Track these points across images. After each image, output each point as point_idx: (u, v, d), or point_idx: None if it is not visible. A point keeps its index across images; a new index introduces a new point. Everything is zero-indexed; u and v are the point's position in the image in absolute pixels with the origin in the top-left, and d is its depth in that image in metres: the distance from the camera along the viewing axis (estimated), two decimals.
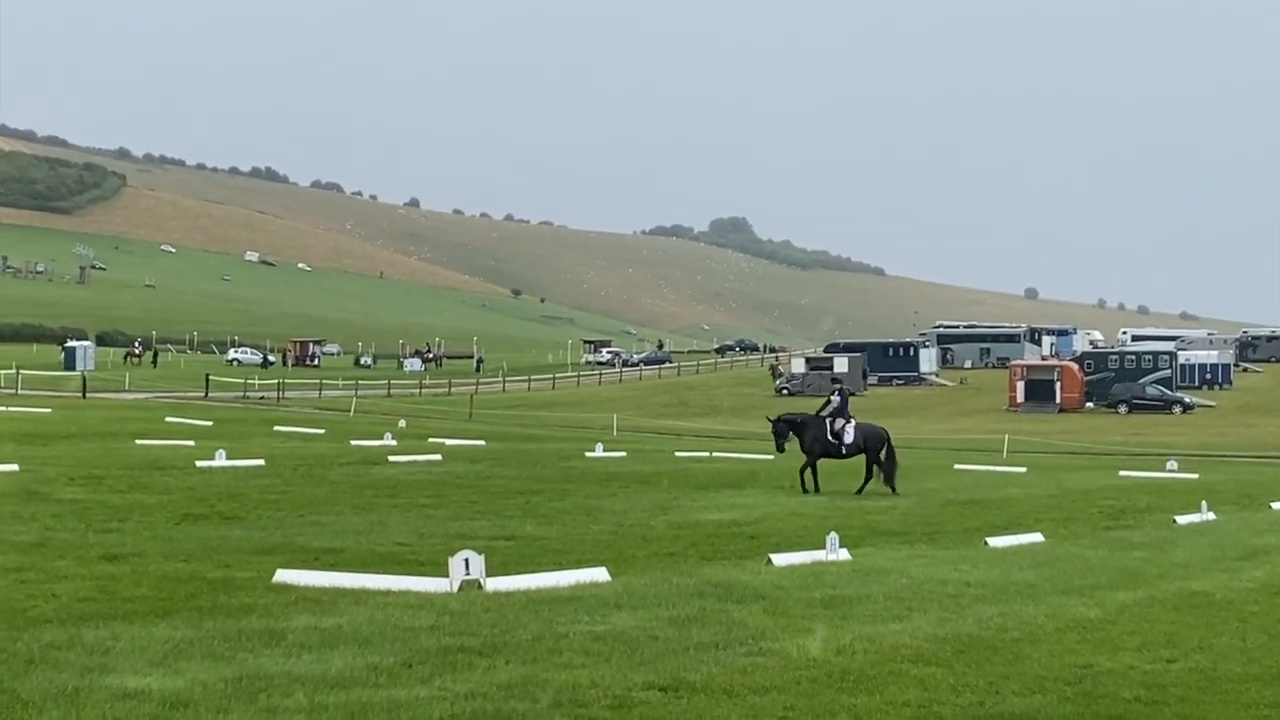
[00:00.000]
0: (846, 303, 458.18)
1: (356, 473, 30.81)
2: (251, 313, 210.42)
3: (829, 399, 31.53)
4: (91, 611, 12.56)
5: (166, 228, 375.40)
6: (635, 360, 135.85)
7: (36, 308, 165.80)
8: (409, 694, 9.67)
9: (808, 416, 30.81)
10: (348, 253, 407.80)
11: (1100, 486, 33.65)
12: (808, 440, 30.01)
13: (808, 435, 30.05)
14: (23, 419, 46.78)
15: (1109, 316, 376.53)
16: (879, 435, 30.37)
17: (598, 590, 14.53)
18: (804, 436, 30.14)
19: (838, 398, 31.01)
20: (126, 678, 9.85)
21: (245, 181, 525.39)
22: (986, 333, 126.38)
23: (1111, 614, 14.18)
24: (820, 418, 30.42)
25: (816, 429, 30.06)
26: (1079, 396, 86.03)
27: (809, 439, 29.97)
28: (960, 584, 15.82)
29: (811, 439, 29.94)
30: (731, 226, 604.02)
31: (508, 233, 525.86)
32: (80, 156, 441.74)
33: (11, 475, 26.43)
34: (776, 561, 17.25)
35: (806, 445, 30.02)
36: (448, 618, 12.62)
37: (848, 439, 29.94)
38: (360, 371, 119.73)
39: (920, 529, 22.83)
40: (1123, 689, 10.59)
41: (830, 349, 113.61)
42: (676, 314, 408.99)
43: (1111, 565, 18.43)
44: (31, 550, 16.65)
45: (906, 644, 12.06)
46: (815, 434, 29.97)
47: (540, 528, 21.35)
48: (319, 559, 16.69)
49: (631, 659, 11.06)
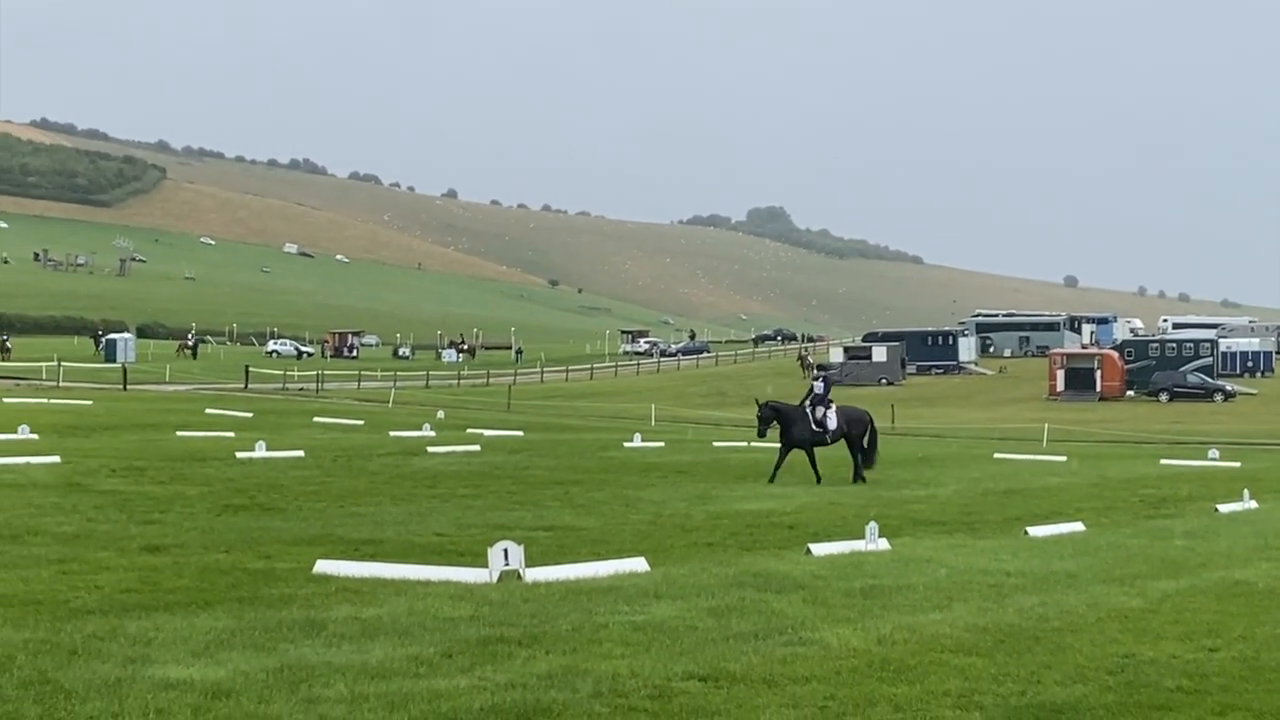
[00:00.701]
0: (884, 292, 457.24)
1: (395, 464, 30.88)
2: (290, 304, 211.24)
3: (811, 385, 30.89)
4: (133, 602, 12.62)
5: (205, 220, 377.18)
6: (673, 350, 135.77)
7: (77, 300, 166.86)
8: (449, 684, 9.68)
9: (792, 408, 30.00)
10: (386, 244, 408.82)
11: (1141, 475, 33.48)
12: (796, 433, 29.41)
13: (795, 429, 29.40)
14: (64, 410, 47.04)
15: (1149, 304, 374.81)
16: (862, 419, 30.00)
17: (637, 580, 14.52)
18: (791, 430, 29.46)
19: (820, 385, 30.38)
20: (169, 668, 9.90)
21: (283, 173, 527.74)
22: (1026, 321, 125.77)
23: (1153, 603, 14.10)
24: (803, 409, 29.77)
25: (802, 422, 29.44)
26: (1119, 385, 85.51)
27: (798, 432, 29.39)
28: (1001, 573, 15.76)
29: (799, 432, 29.37)
30: (769, 216, 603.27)
31: (545, 223, 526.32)
32: (120, 150, 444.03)
33: (54, 467, 26.58)
34: (816, 551, 17.23)
35: (795, 438, 29.43)
36: (487, 608, 12.63)
37: (831, 425, 29.46)
38: (398, 363, 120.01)
39: (960, 518, 22.75)
40: (1165, 678, 10.53)
41: (869, 338, 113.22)
42: (714, 304, 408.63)
43: (1153, 554, 18.33)
44: (74, 541, 16.74)
45: (947, 634, 12.02)
46: (803, 426, 29.38)
47: (579, 518, 21.35)
48: (359, 550, 16.74)
49: (671, 649, 11.05)
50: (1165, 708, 9.67)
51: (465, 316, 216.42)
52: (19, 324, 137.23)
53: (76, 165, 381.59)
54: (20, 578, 13.86)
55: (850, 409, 30.50)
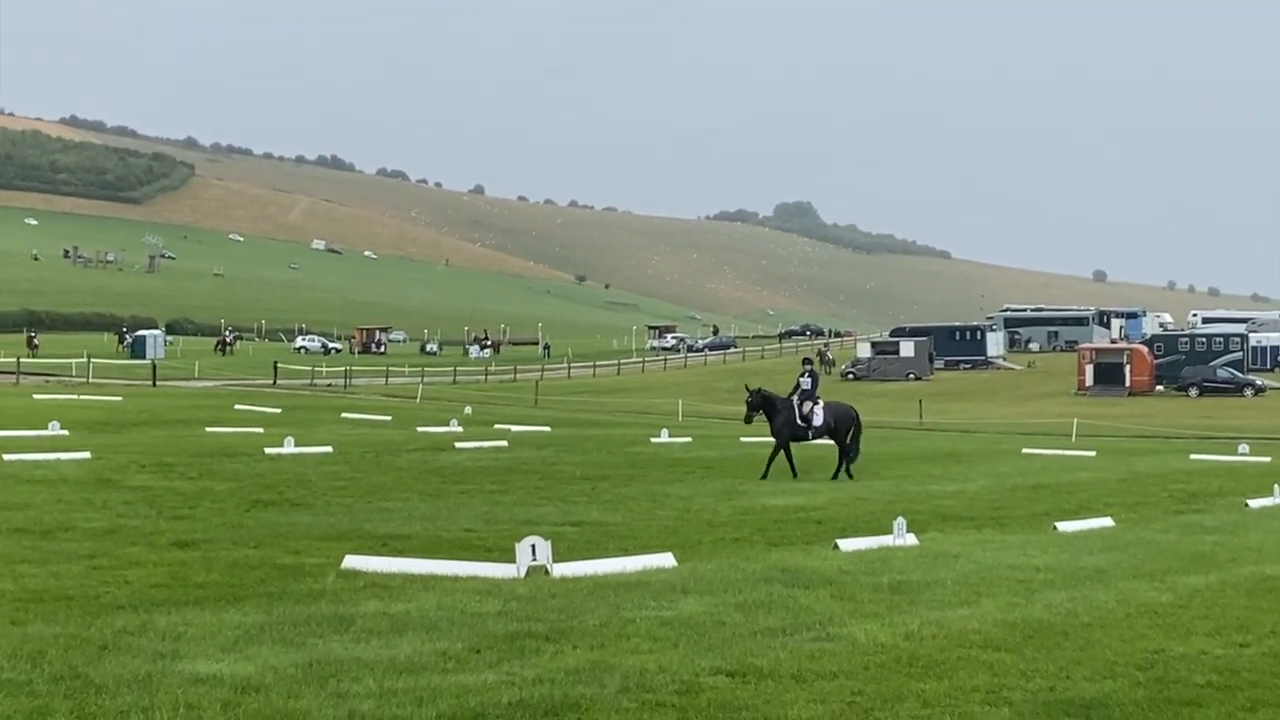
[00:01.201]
0: (912, 286, 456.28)
1: (423, 459, 30.94)
2: (318, 300, 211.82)
3: (798, 380, 30.21)
4: (163, 598, 12.67)
5: (234, 217, 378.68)
6: (700, 345, 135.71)
7: (107, 297, 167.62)
8: (477, 679, 9.69)
9: (780, 397, 29.76)
10: (413, 240, 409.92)
11: (1171, 470, 33.33)
12: (778, 423, 29.16)
13: (778, 419, 29.18)
14: (94, 407, 47.26)
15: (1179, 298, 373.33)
16: (849, 415, 29.71)
17: (664, 576, 14.52)
18: (774, 419, 29.27)
19: (807, 379, 29.86)
20: (198, 663, 9.93)
21: (311, 170, 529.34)
22: (1055, 316, 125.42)
23: (1183, 599, 14.03)
24: (789, 400, 29.52)
25: (787, 412, 29.20)
26: (1149, 380, 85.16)
27: (779, 422, 29.13)
28: (1029, 569, 15.70)
29: (781, 422, 29.10)
30: (796, 211, 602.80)
31: (572, 219, 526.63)
32: (149, 147, 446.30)
33: (84, 463, 26.72)
34: (843, 546, 17.19)
35: (776, 428, 29.20)
36: (515, 603, 12.65)
37: (816, 421, 29.18)
38: (426, 358, 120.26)
39: (988, 514, 22.69)
40: (1195, 674, 10.48)
41: (896, 333, 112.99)
42: (741, 299, 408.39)
43: (1183, 549, 18.24)
44: (104, 537, 16.82)
45: (975, 629, 11.98)
46: (785, 417, 29.13)
47: (606, 513, 21.36)
48: (387, 545, 16.77)
49: (699, 644, 11.04)
50: (1195, 703, 9.62)
51: (492, 312, 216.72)
52: (48, 320, 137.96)
53: (106, 162, 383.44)
54: (51, 573, 13.93)
55: (837, 405, 30.26)
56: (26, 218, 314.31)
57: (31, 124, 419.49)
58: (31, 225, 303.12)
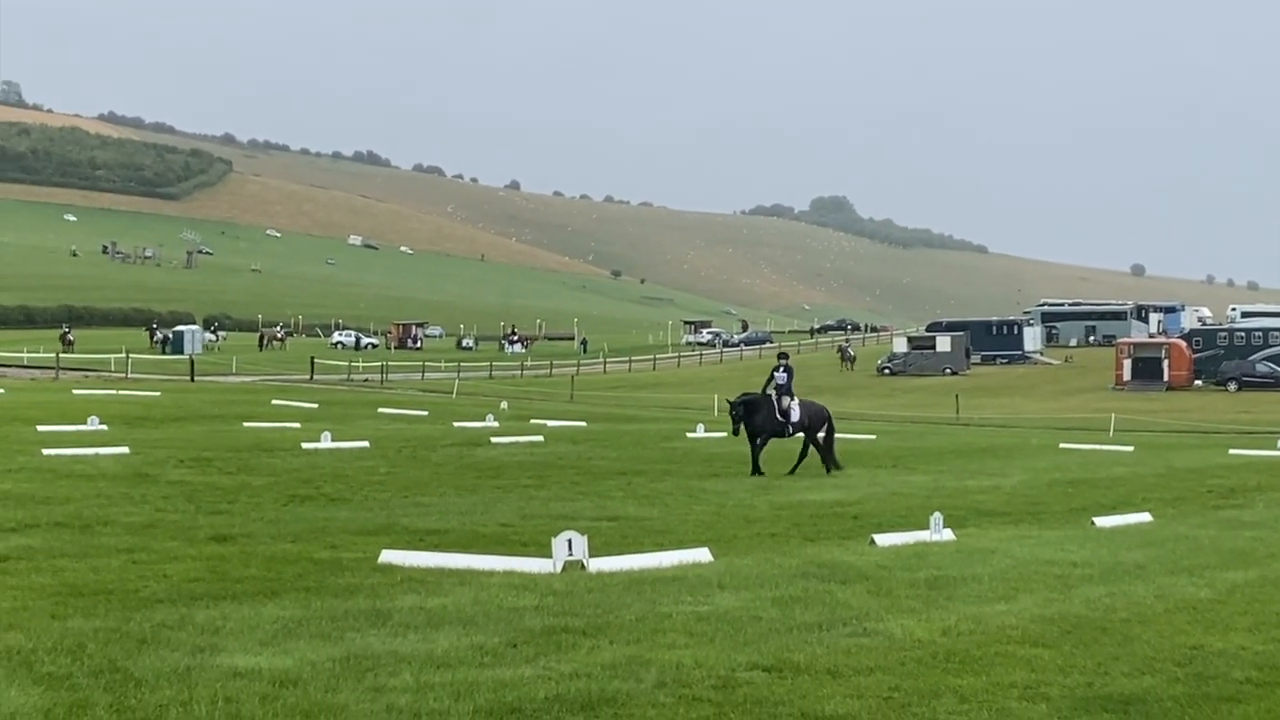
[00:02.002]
0: (949, 281, 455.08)
1: (459, 454, 31.00)
2: (355, 296, 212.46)
3: (772, 374, 29.46)
4: (202, 592, 12.74)
5: (271, 212, 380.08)
6: (736, 340, 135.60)
7: (145, 293, 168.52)
8: (514, 674, 9.71)
9: (758, 397, 29.11)
10: (449, 236, 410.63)
11: (1209, 465, 33.15)
12: (759, 421, 28.56)
13: (759, 416, 28.58)
14: (132, 402, 47.53)
15: (1218, 293, 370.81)
16: (821, 414, 29.34)
17: (700, 571, 14.52)
18: (754, 418, 28.63)
19: (783, 374, 29.16)
20: (237, 657, 9.98)
21: (348, 165, 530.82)
22: (1092, 310, 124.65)
23: (1222, 594, 13.97)
24: (766, 396, 28.97)
25: (767, 409, 28.64)
26: (1187, 374, 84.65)
27: (760, 419, 28.56)
28: (1067, 564, 15.65)
29: (763, 419, 28.54)
30: (832, 205, 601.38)
31: (607, 214, 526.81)
32: (187, 143, 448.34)
33: (122, 458, 26.85)
34: (880, 542, 17.16)
35: (758, 426, 28.58)
36: (551, 598, 12.67)
37: (794, 417, 28.72)
38: (462, 353, 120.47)
39: (1025, 509, 22.62)
40: (1234, 670, 10.43)
41: (933, 328, 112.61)
42: (777, 294, 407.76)
43: (1222, 545, 18.16)
44: (142, 531, 16.91)
45: (1013, 625, 11.95)
46: (766, 414, 28.57)
47: (642, 508, 21.36)
48: (423, 540, 16.80)
49: (735, 639, 11.04)
50: (1234, 699, 9.58)
51: (528, 308, 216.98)
52: (87, 316, 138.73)
53: (144, 159, 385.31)
54: (90, 567, 14.01)
55: (811, 404, 29.78)
56: (66, 214, 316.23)
57: (70, 121, 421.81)
58: (70, 222, 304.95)
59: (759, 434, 28.54)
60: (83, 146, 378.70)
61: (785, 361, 30.04)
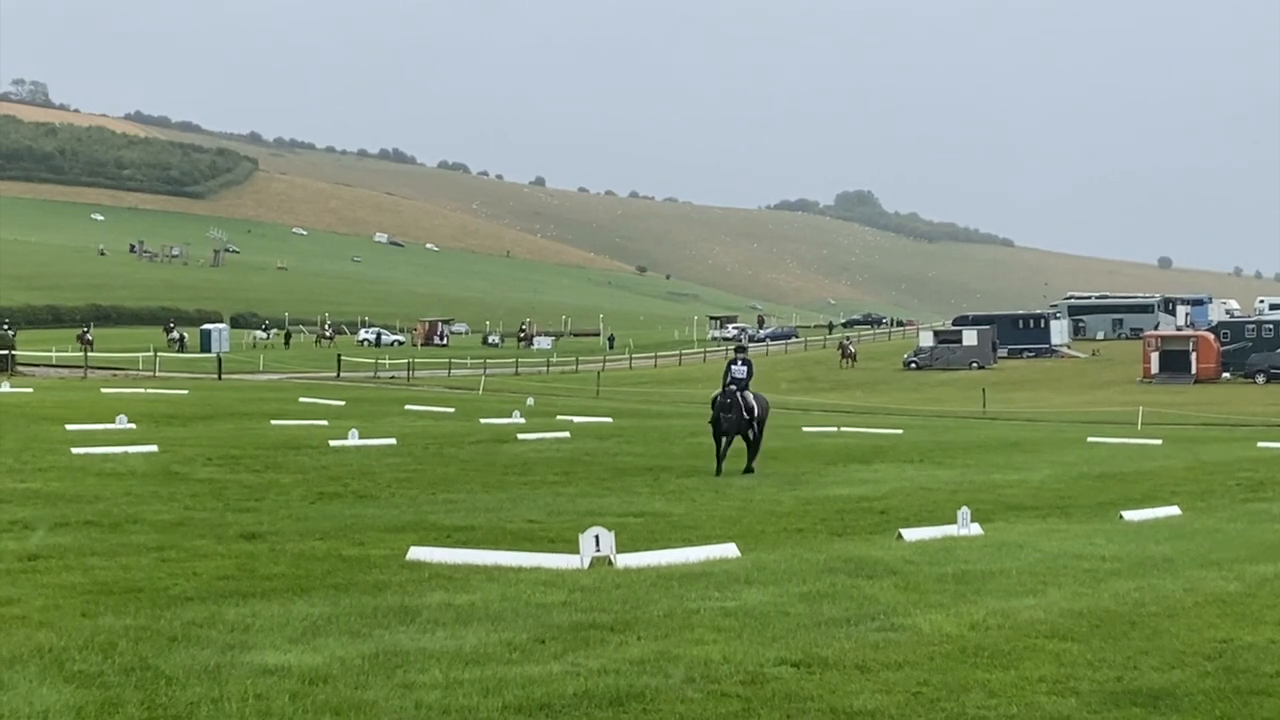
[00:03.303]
0: (975, 275, 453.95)
1: (486, 451, 31.04)
2: (381, 293, 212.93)
3: (728, 367, 28.15)
4: (231, 589, 12.78)
5: (297, 210, 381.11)
6: (761, 335, 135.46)
7: (172, 291, 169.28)
8: (542, 670, 9.73)
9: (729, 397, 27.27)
10: (474, 232, 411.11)
11: (1238, 458, 33.02)
12: (733, 419, 27.02)
13: (733, 414, 27.11)
14: (161, 400, 47.70)
15: (1245, 284, 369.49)
16: (766, 407, 28.17)
17: (728, 566, 14.52)
18: (729, 416, 27.14)
19: (742, 368, 27.82)
20: (267, 654, 10.01)
21: (373, 163, 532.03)
22: (1119, 303, 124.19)
23: (1252, 587, 13.91)
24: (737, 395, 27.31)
25: (738, 409, 27.05)
26: (1215, 367, 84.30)
27: (735, 419, 27.08)
28: (1095, 558, 15.61)
29: (736, 419, 27.07)
30: (857, 200, 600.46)
31: (632, 210, 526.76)
32: (213, 142, 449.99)
33: (151, 456, 26.95)
34: (907, 536, 17.15)
35: (725, 427, 27.10)
36: (579, 594, 12.68)
37: (757, 412, 27.61)
38: (488, 350, 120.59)
39: (1053, 503, 22.57)
40: (1264, 664, 10.38)
41: (959, 322, 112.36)
42: (802, 289, 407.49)
43: (1251, 538, 18.09)
44: (172, 529, 16.97)
45: (1041, 619, 11.92)
46: (738, 413, 27.03)
47: (669, 504, 21.38)
48: (451, 536, 16.84)
49: (763, 634, 11.04)
50: (1265, 693, 9.54)
51: (554, 304, 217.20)
52: (115, 315, 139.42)
53: (170, 158, 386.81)
54: (120, 565, 14.08)
55: (759, 395, 28.33)
56: (93, 213, 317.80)
57: (97, 120, 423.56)
58: (98, 221, 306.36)
59: (729, 433, 27.34)
60: (109, 146, 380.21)
61: (744, 355, 28.83)
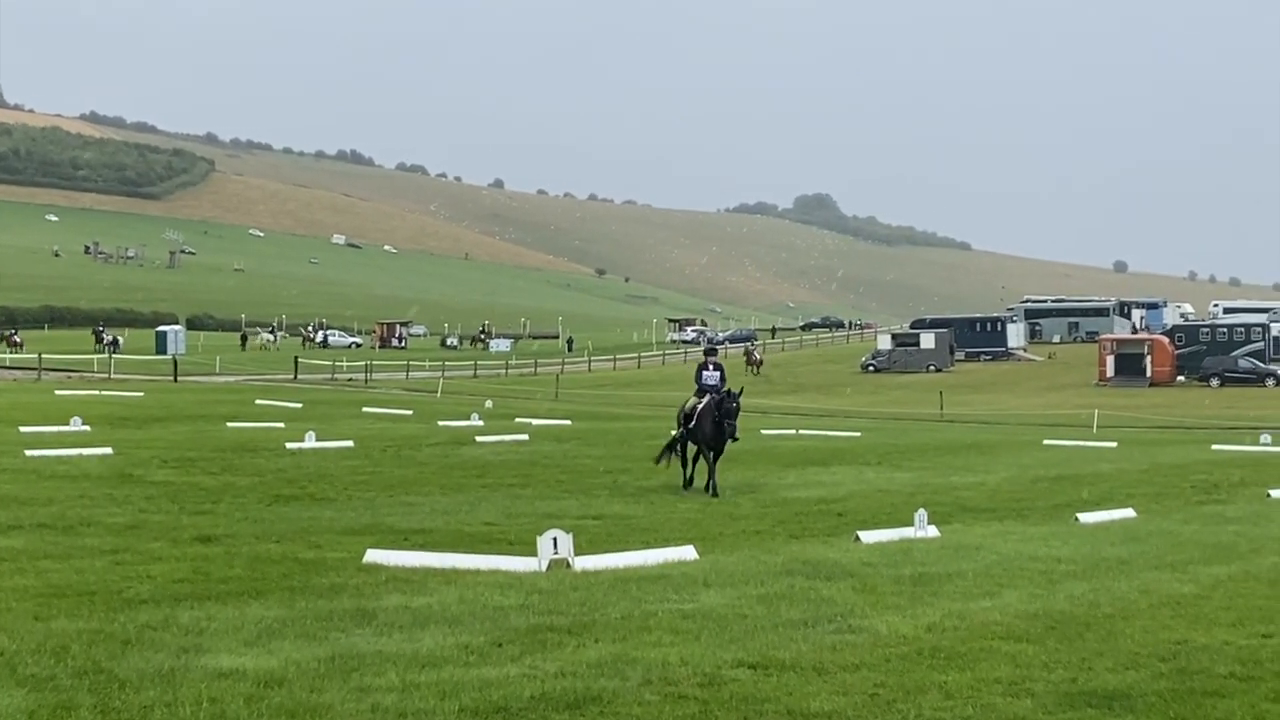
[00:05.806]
0: (932, 278, 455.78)
1: (444, 453, 30.96)
2: (339, 295, 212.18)
3: (699, 372, 25.77)
4: (186, 592, 12.70)
5: (254, 212, 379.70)
6: (721, 339, 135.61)
7: (127, 292, 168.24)
8: (499, 673, 9.71)
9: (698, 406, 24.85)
10: (433, 234, 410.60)
11: (1192, 461, 33.25)
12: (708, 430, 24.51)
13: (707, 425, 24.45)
14: (116, 403, 47.36)
15: (1200, 289, 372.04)
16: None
17: (686, 569, 14.52)
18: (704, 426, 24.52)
19: (715, 373, 25.47)
20: (221, 657, 9.96)
21: (331, 164, 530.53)
22: (1075, 307, 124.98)
23: (1205, 589, 14.01)
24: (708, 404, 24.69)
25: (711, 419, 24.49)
26: (1170, 370, 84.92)
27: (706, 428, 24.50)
28: (1051, 560, 15.69)
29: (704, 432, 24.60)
30: (816, 203, 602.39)
31: (591, 212, 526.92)
32: (169, 142, 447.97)
33: (106, 458, 26.75)
34: (865, 539, 17.19)
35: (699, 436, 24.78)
36: (537, 596, 12.66)
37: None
38: (447, 352, 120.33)
39: (1010, 505, 22.66)
40: (1218, 665, 10.46)
41: (916, 325, 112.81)
42: (761, 292, 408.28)
43: (1205, 540, 18.21)
44: (126, 532, 16.85)
45: (997, 621, 11.98)
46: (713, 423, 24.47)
47: (627, 506, 21.37)
48: (409, 539, 16.78)
49: (721, 637, 11.05)
50: (1218, 694, 9.60)
51: (512, 306, 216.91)
52: (69, 316, 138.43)
53: (126, 158, 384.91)
54: (74, 568, 13.97)
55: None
56: (48, 214, 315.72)
57: (52, 120, 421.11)
58: (53, 222, 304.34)
59: (698, 443, 25.03)
60: (64, 146, 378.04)
61: (715, 359, 26.29)
